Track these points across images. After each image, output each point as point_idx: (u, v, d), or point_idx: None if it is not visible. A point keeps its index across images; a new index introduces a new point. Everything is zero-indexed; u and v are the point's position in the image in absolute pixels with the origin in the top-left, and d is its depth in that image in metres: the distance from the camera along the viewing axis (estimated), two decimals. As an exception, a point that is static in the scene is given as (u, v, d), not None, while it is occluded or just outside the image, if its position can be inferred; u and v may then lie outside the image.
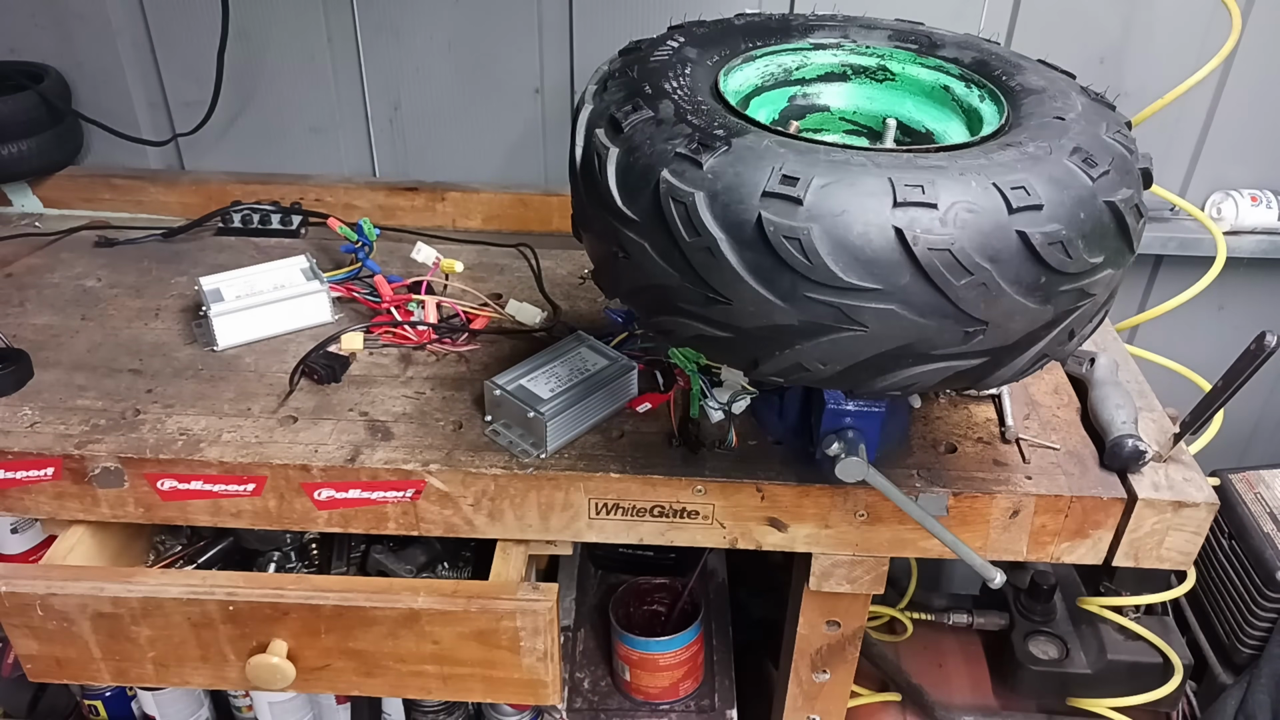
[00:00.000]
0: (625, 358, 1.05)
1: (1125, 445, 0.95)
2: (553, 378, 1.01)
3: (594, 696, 1.38)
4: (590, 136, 0.81)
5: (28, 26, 1.45)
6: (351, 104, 1.51)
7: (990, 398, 1.07)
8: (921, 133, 0.96)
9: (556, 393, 0.99)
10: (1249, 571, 1.31)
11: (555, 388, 1.00)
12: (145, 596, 0.95)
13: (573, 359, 1.05)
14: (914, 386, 0.77)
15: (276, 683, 0.97)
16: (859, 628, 1.11)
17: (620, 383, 1.02)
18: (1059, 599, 1.40)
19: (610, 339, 1.09)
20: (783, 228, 0.68)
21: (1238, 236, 1.50)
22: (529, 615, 0.94)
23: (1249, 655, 1.32)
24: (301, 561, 1.16)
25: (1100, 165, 0.73)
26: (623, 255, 0.77)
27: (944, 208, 0.68)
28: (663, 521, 0.98)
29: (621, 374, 1.02)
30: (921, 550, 0.98)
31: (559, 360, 1.04)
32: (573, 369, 1.02)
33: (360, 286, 1.21)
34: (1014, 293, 0.70)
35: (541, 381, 1.01)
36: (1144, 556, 0.97)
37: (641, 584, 1.43)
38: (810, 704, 1.18)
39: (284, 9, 1.44)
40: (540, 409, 0.96)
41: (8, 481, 0.99)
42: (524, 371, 1.02)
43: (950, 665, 1.47)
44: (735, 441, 0.98)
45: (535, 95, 1.49)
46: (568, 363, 1.04)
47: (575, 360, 1.04)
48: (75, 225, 1.42)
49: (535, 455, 0.97)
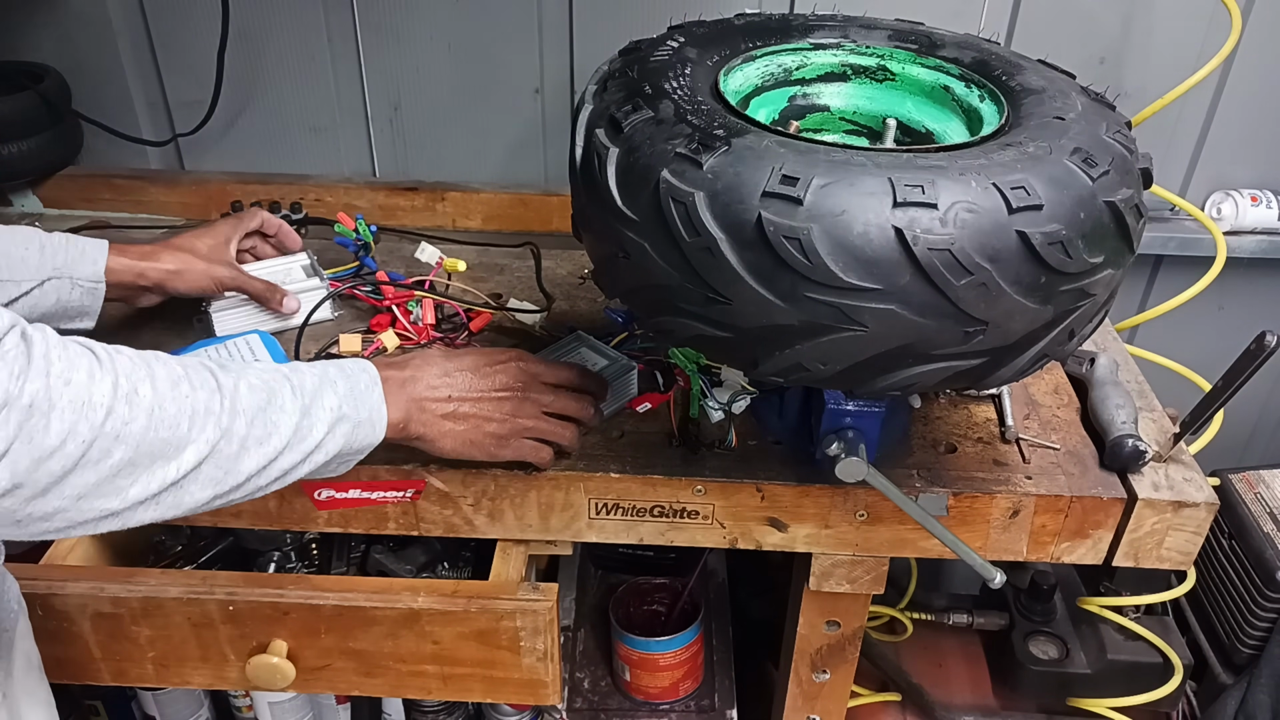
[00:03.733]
0: (625, 357, 1.04)
1: (1125, 445, 0.95)
2: None
3: (594, 696, 1.38)
4: (590, 136, 0.81)
5: (28, 27, 1.46)
6: (351, 104, 1.51)
7: (990, 398, 1.07)
8: (921, 133, 0.96)
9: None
10: (1249, 571, 1.31)
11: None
12: (145, 596, 0.95)
13: (573, 359, 1.04)
14: (914, 386, 0.77)
15: (276, 683, 0.97)
16: (859, 628, 1.11)
17: (621, 382, 1.02)
18: (1059, 599, 1.40)
19: (610, 339, 1.08)
20: (783, 228, 0.68)
21: (1238, 236, 1.50)
22: (529, 615, 0.94)
23: (1249, 655, 1.32)
24: (301, 561, 1.16)
25: (1100, 165, 0.73)
26: (623, 255, 0.77)
27: (944, 208, 0.68)
28: (663, 521, 0.98)
29: (622, 374, 1.02)
30: (921, 550, 0.98)
31: (560, 359, 1.03)
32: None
33: (362, 284, 1.21)
34: (1014, 293, 0.70)
35: None
36: (1144, 556, 0.97)
37: (641, 584, 1.43)
38: (810, 704, 1.18)
39: (284, 9, 1.44)
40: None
41: (8, 481, 0.99)
42: None
43: (950, 665, 1.47)
44: (735, 442, 0.98)
45: (535, 95, 1.49)
46: (568, 362, 1.03)
47: (575, 360, 1.04)
48: (75, 225, 1.42)
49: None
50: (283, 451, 0.72)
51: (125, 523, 0.66)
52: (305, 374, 0.76)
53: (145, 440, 0.63)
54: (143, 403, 0.63)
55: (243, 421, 0.69)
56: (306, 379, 0.76)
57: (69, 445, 0.59)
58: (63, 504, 0.61)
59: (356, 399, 0.79)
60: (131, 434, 0.62)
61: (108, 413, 0.61)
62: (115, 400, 0.61)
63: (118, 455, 0.62)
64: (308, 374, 0.77)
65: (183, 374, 0.67)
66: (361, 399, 0.79)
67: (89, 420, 0.60)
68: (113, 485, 0.63)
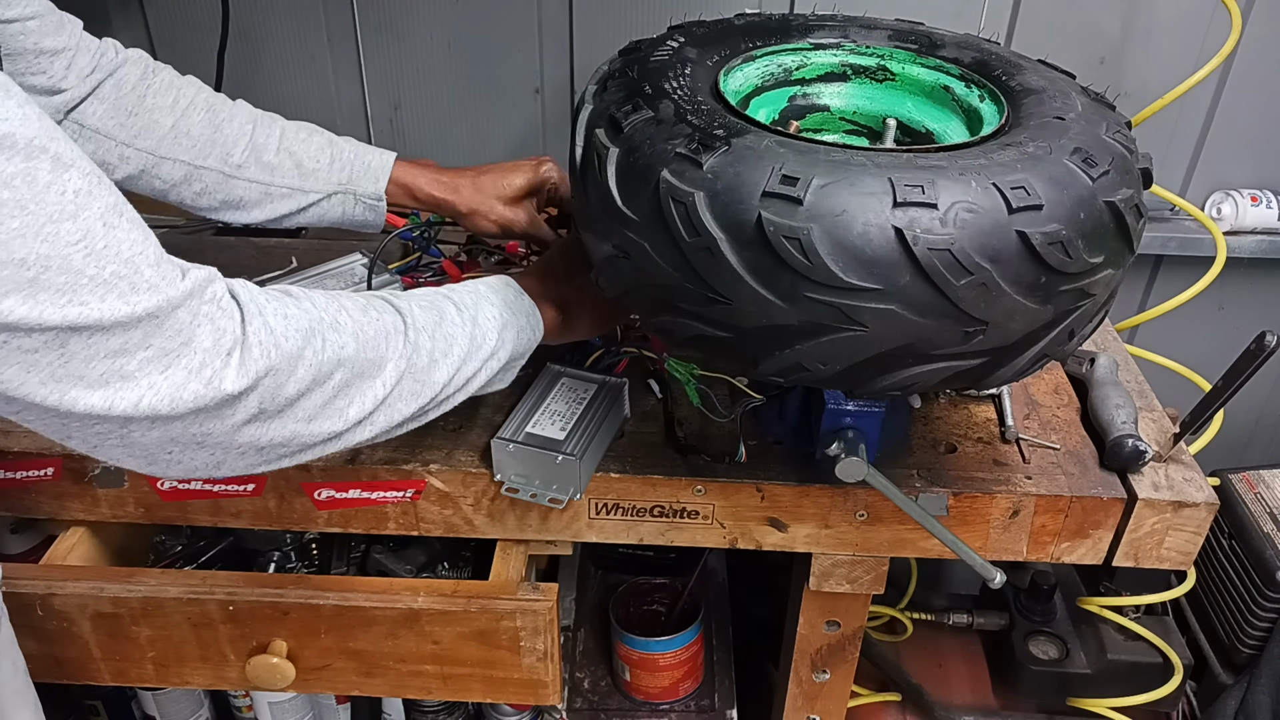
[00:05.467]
0: (610, 377, 1.01)
1: (1125, 445, 0.95)
2: (555, 416, 0.96)
3: (594, 696, 1.38)
4: (590, 136, 0.81)
5: (28, 26, 1.45)
6: (351, 104, 1.51)
7: (990, 398, 1.07)
8: (921, 133, 0.96)
9: (569, 430, 0.94)
10: (1249, 571, 1.31)
11: (564, 426, 0.95)
12: (145, 596, 0.95)
13: (562, 392, 1.00)
14: (914, 386, 0.77)
15: (276, 683, 0.97)
16: (859, 628, 1.11)
17: (618, 402, 1.00)
18: (1059, 599, 1.40)
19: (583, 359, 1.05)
20: (782, 228, 0.68)
21: (1238, 236, 1.50)
22: (529, 615, 0.94)
23: (1249, 655, 1.32)
24: (301, 561, 1.16)
25: (1100, 165, 0.73)
26: (623, 255, 0.77)
27: (944, 208, 0.68)
28: (663, 521, 0.98)
29: (616, 393, 1.00)
30: (921, 550, 0.98)
31: (550, 397, 0.99)
32: (568, 402, 0.98)
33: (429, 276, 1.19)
34: (1014, 293, 0.70)
35: (547, 423, 0.95)
36: (1144, 556, 0.97)
37: (641, 584, 1.43)
38: (810, 704, 1.18)
39: (284, 9, 1.44)
40: (568, 451, 0.91)
41: (8, 481, 0.99)
42: (522, 419, 0.96)
43: (950, 665, 1.47)
44: (745, 456, 0.96)
45: (535, 95, 1.49)
46: (559, 397, 0.99)
47: (564, 392, 0.99)
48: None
49: (567, 500, 0.92)
50: (466, 359, 0.77)
51: (345, 443, 0.71)
52: (462, 292, 0.81)
53: (357, 360, 0.69)
54: (347, 328, 0.69)
55: (426, 337, 0.75)
56: (465, 296, 0.81)
57: (299, 370, 0.65)
58: (296, 427, 0.67)
59: (511, 306, 0.83)
60: (346, 356, 0.68)
61: (324, 340, 0.67)
62: (325, 329, 0.67)
63: (338, 376, 0.68)
64: (464, 292, 0.82)
65: (365, 303, 0.73)
66: (515, 305, 0.84)
67: (312, 346, 0.66)
68: (334, 407, 0.68)
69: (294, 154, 1.00)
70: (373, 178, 1.03)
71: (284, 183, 1.00)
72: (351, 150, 1.03)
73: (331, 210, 1.03)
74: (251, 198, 1.00)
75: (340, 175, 1.02)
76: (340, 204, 1.03)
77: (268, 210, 1.01)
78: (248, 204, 1.00)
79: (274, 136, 1.00)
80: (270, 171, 0.99)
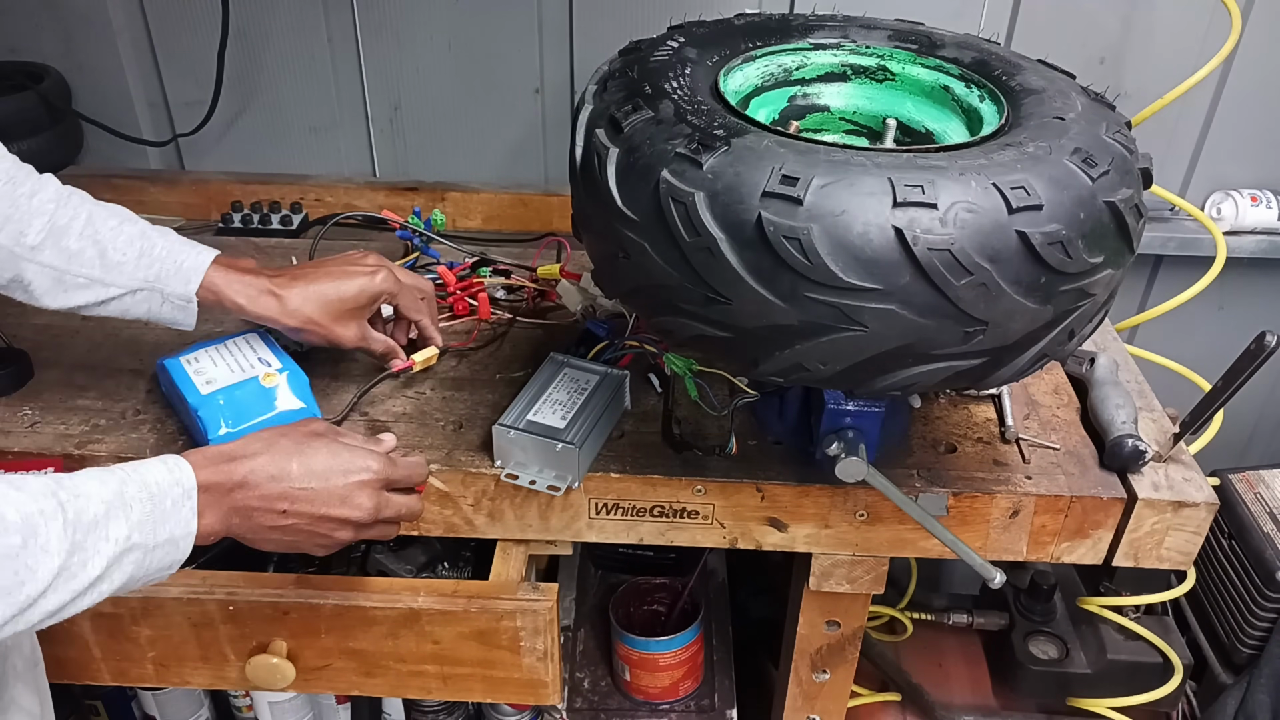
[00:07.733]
0: (613, 369, 1.02)
1: (1125, 445, 0.95)
2: (556, 405, 0.97)
3: (594, 696, 1.38)
4: (590, 136, 0.81)
5: (28, 27, 1.46)
6: (351, 104, 1.51)
7: (990, 398, 1.07)
8: (921, 133, 0.96)
9: (570, 419, 0.95)
10: (1249, 571, 1.31)
11: (565, 415, 0.96)
12: (145, 596, 0.95)
13: (564, 382, 1.00)
14: (914, 386, 0.77)
15: (276, 683, 0.97)
16: (859, 628, 1.11)
17: (618, 393, 1.01)
18: (1059, 599, 1.40)
19: (586, 352, 1.05)
20: (783, 228, 0.68)
21: (1238, 236, 1.50)
22: (529, 615, 0.94)
23: (1249, 655, 1.32)
24: (302, 561, 1.16)
25: (1100, 165, 0.73)
26: (623, 255, 0.77)
27: (944, 208, 0.68)
28: (663, 521, 0.98)
29: (617, 384, 1.00)
30: (921, 550, 0.98)
31: (552, 387, 1.00)
32: (570, 392, 0.99)
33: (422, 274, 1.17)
34: (1014, 293, 0.70)
35: (548, 412, 0.96)
36: (1144, 556, 0.97)
37: (641, 584, 1.43)
38: (810, 704, 1.18)
39: (284, 9, 1.44)
40: (568, 439, 0.92)
41: (8, 481, 0.99)
42: (524, 408, 0.97)
43: (950, 665, 1.47)
44: (735, 449, 0.97)
45: (535, 95, 1.49)
46: (561, 387, 1.00)
47: (566, 383, 1.00)
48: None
49: (565, 487, 0.93)
50: (43, 594, 0.63)
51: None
52: (92, 500, 0.66)
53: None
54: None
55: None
56: (90, 507, 0.66)
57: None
58: None
59: (156, 522, 0.69)
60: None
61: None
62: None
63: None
64: (95, 499, 0.66)
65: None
66: (163, 521, 0.70)
67: None
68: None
69: (99, 242, 0.91)
70: (183, 278, 0.93)
71: (83, 272, 0.90)
72: (164, 246, 0.94)
73: (136, 307, 0.94)
74: (42, 284, 0.90)
75: (148, 271, 0.92)
76: (145, 301, 0.93)
77: (60, 300, 0.91)
78: (38, 290, 0.90)
79: (79, 220, 0.91)
80: (69, 258, 0.90)
